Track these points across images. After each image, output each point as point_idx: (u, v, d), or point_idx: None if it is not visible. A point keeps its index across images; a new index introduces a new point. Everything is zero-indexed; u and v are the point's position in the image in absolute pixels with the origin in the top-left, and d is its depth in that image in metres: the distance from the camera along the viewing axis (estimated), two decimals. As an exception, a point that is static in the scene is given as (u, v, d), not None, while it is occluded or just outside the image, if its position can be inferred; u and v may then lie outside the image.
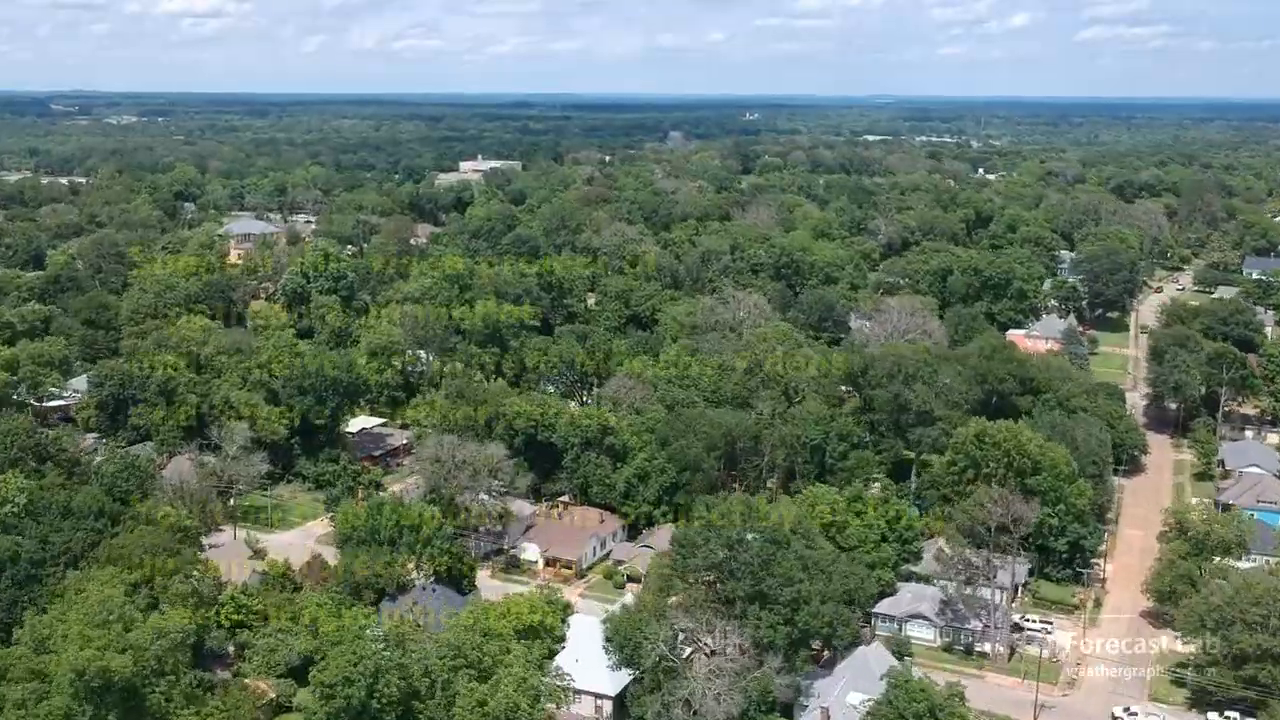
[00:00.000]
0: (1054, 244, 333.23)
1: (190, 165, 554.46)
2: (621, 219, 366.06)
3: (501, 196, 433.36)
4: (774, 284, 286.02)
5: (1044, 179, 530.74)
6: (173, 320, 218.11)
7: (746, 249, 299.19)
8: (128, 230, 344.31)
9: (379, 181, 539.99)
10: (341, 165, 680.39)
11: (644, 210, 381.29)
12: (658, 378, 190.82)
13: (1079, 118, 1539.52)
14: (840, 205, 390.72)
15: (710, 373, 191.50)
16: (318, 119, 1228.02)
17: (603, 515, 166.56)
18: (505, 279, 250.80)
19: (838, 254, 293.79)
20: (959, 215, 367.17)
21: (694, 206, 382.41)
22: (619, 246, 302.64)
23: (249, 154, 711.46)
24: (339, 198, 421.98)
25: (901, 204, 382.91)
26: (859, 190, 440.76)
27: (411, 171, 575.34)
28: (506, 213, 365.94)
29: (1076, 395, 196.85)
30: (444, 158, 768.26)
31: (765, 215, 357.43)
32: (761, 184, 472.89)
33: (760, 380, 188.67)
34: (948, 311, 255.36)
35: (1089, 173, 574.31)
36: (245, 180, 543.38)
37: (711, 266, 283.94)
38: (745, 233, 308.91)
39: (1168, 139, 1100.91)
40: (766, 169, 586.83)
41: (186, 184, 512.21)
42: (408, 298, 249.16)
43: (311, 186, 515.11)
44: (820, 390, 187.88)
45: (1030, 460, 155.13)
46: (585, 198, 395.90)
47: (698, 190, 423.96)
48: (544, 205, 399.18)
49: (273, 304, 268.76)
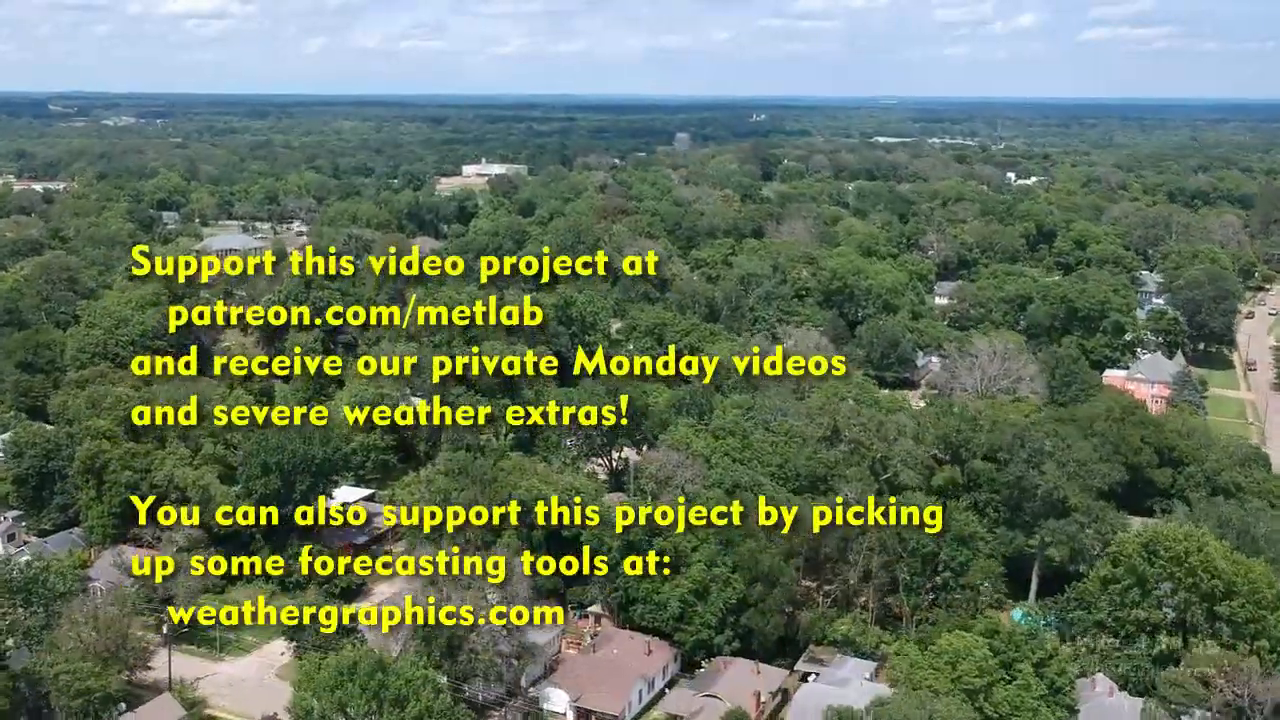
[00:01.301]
0: (1132, 264, 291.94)
1: (175, 172, 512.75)
2: (642, 232, 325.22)
3: (508, 206, 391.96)
4: (823, 312, 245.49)
5: (1085, 185, 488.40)
6: (110, 377, 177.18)
7: (789, 271, 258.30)
8: (93, 247, 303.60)
9: (377, 189, 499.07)
10: (339, 170, 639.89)
11: (666, 223, 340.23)
12: (713, 450, 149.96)
13: (1089, 119, 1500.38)
14: (883, 218, 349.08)
15: (777, 443, 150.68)
16: (318, 121, 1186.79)
17: (650, 644, 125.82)
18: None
19: (896, 277, 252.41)
20: (1019, 229, 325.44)
21: (721, 219, 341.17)
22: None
23: (243, 158, 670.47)
24: (332, 207, 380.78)
25: (951, 216, 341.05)
26: (897, 199, 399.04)
27: (411, 177, 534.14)
28: (515, 227, 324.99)
29: (1228, 468, 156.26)
30: (446, 161, 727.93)
31: (802, 229, 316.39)
32: (789, 192, 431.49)
33: (842, 454, 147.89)
34: (1034, 349, 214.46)
35: (1128, 179, 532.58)
36: (235, 187, 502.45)
37: (753, 293, 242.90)
38: (786, 251, 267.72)
39: (1184, 140, 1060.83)
40: (788, 175, 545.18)
41: (170, 192, 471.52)
42: (402, 335, 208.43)
43: (304, 194, 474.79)
44: (913, 463, 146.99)
45: (1222, 581, 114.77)
46: (601, 209, 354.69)
47: (723, 200, 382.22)
48: (556, 218, 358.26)
49: (248, 338, 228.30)
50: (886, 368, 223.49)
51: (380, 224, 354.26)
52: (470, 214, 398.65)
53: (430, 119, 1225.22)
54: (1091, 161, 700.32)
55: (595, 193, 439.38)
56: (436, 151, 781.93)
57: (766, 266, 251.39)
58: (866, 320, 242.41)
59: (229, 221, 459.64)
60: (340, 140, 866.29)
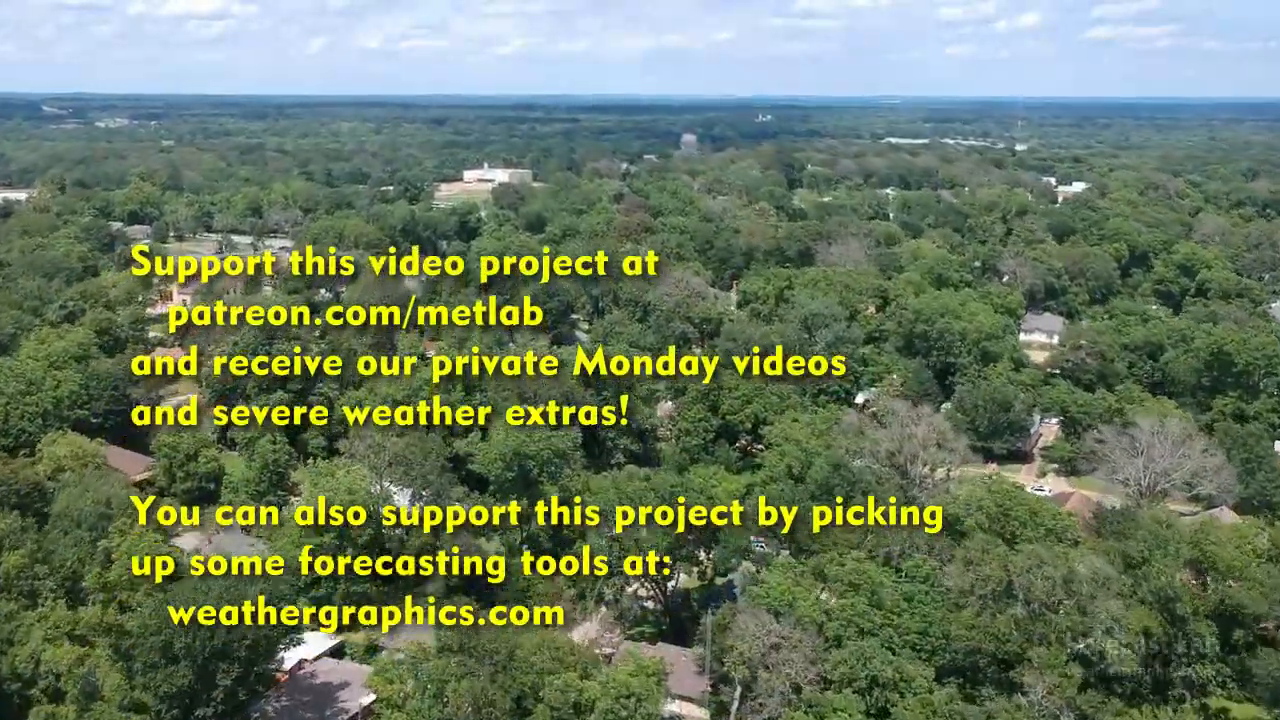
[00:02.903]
0: (1259, 294, 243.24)
1: (149, 180, 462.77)
2: (671, 254, 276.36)
3: (515, 221, 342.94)
4: (905, 361, 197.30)
5: (1143, 193, 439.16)
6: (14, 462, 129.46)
7: (858, 308, 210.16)
8: (30, 277, 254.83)
9: (370, 199, 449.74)
10: (332, 176, 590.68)
11: (696, 242, 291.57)
12: (822, 613, 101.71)
13: (1100, 118, 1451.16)
14: (943, 234, 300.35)
15: (915, 594, 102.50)
16: (316, 122, 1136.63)
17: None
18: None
19: (993, 319, 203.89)
20: (1109, 250, 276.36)
21: (761, 238, 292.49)
22: (684, 305, 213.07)
23: (230, 163, 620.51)
24: (317, 223, 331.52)
25: (1028, 235, 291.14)
26: (950, 212, 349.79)
27: (408, 185, 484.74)
28: (525, 249, 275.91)
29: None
30: (446, 165, 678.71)
31: (857, 250, 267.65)
32: (826, 203, 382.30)
33: (1018, 620, 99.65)
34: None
35: (1184, 186, 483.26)
36: (216, 196, 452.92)
37: (819, 339, 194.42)
38: (849, 282, 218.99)
39: (1204, 140, 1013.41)
40: (815, 181, 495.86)
41: (143, 203, 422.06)
42: (387, 399, 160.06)
43: (291, 204, 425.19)
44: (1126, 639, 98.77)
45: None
46: (623, 227, 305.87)
47: (757, 214, 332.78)
48: (569, 236, 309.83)
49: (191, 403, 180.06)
50: (994, 436, 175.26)
51: (370, 243, 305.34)
52: (472, 229, 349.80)
53: (431, 120, 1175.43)
54: (1124, 164, 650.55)
55: (609, 203, 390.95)
56: (436, 155, 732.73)
57: (832, 303, 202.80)
58: (958, 370, 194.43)
59: (208, 235, 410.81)
60: (337, 143, 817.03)
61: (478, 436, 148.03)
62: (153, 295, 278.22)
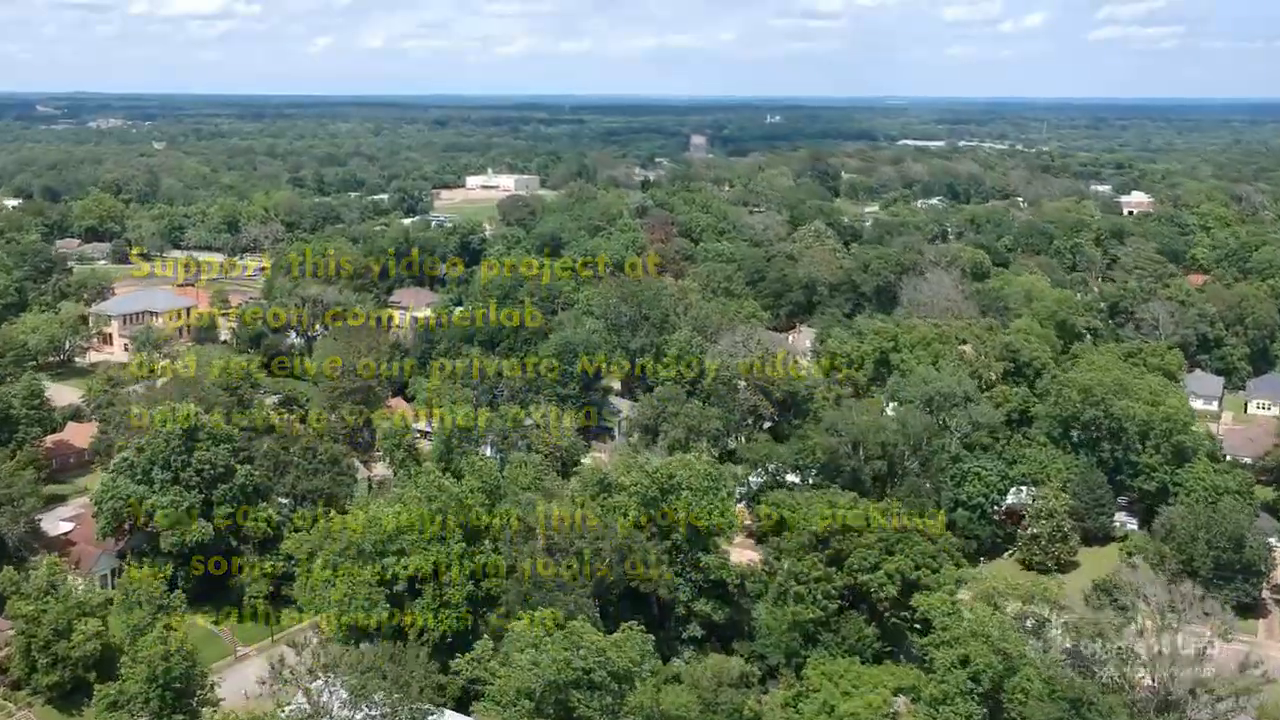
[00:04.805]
0: None
1: (109, 191, 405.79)
2: (719, 289, 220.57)
3: (526, 243, 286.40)
4: (1065, 457, 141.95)
5: (1226, 205, 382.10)
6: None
7: (985, 375, 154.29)
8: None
9: (360, 212, 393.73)
10: (325, 182, 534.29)
11: (746, 274, 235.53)
12: None
13: (1115, 119, 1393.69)
14: (1042, 263, 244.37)
15: None
16: (314, 123, 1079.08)
17: None
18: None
19: (1177, 397, 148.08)
20: (1267, 289, 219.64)
21: (824, 268, 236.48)
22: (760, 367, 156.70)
23: (216, 168, 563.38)
24: (295, 246, 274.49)
25: (1155, 267, 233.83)
26: (1034, 233, 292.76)
27: (405, 195, 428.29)
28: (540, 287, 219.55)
29: None
30: (447, 170, 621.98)
31: (949, 287, 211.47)
32: (886, 220, 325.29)
33: None
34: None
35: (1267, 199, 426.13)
36: (190, 208, 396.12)
37: (955, 428, 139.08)
38: (983, 339, 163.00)
39: (1229, 142, 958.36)
40: (855, 191, 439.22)
41: (103, 217, 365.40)
42: (348, 552, 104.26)
43: (271, 218, 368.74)
44: None
45: None
46: (658, 258, 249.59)
47: (814, 236, 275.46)
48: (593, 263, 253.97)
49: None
50: (1219, 583, 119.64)
51: (355, 272, 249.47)
52: (476, 251, 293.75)
53: (432, 121, 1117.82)
54: (1169, 171, 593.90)
55: (631, 218, 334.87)
56: (437, 158, 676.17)
57: (963, 376, 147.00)
58: (1138, 471, 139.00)
59: (176, 253, 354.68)
60: (334, 145, 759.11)
61: (489, 646, 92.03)
62: (86, 339, 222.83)
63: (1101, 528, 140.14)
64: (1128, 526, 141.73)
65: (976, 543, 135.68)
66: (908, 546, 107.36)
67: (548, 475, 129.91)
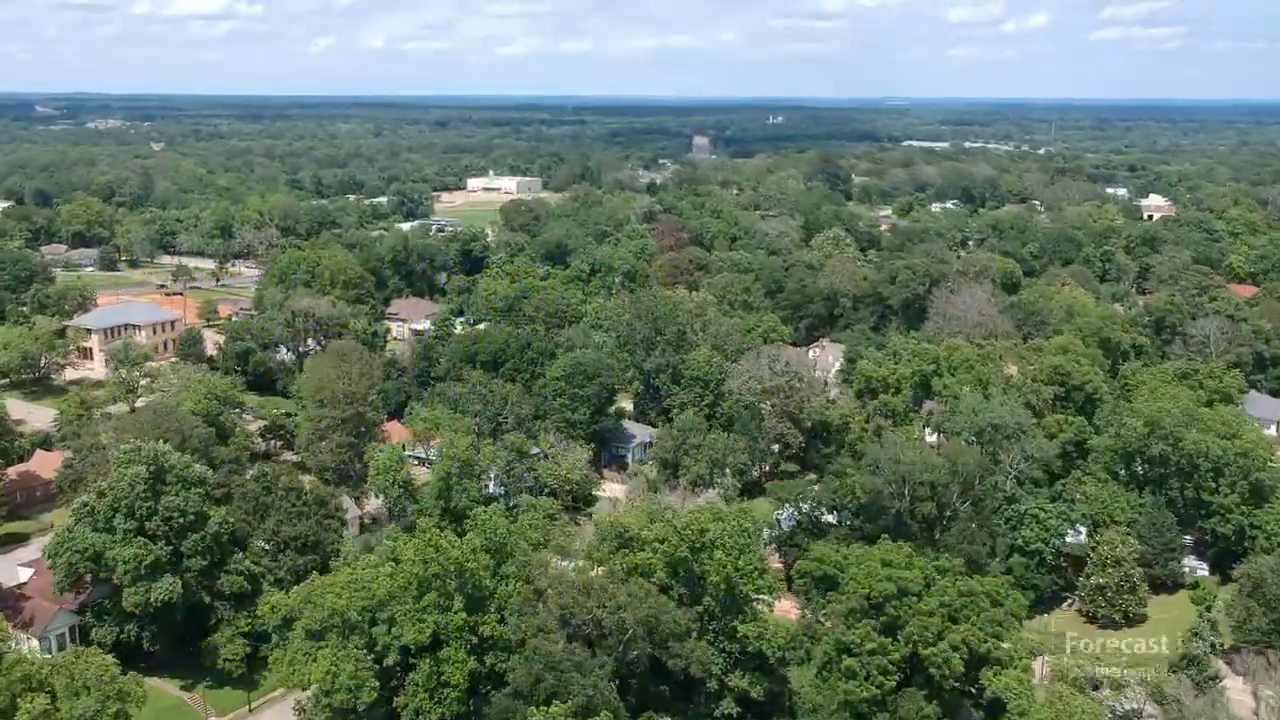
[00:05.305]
0: None
1: (99, 196, 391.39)
2: (737, 301, 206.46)
3: (530, 250, 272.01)
4: (1128, 495, 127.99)
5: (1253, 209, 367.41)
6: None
7: (1034, 400, 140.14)
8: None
9: (359, 216, 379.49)
10: (323, 184, 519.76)
11: (764, 284, 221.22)
12: None
13: (1119, 120, 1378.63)
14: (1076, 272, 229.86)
15: None
16: (315, 124, 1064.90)
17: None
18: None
19: (1252, 430, 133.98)
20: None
21: (847, 279, 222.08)
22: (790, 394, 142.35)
23: (212, 170, 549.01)
24: (286, 254, 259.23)
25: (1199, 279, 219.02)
26: (1062, 241, 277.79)
27: (404, 199, 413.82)
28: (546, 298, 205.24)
29: None
30: (448, 172, 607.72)
31: (982, 299, 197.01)
32: (908, 226, 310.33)
33: None
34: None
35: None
36: (183, 212, 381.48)
37: (1010, 464, 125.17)
38: (1029, 360, 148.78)
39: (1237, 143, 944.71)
40: (868, 194, 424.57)
41: (90, 222, 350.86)
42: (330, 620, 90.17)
43: (266, 222, 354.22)
44: None
45: None
46: (670, 266, 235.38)
47: (832, 243, 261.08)
48: (601, 271, 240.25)
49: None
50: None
51: (350, 281, 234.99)
52: (478, 259, 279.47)
53: (433, 122, 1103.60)
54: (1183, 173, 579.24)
55: (639, 223, 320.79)
56: (438, 160, 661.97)
57: (1016, 405, 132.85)
58: (1213, 512, 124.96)
59: (165, 260, 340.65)
60: (332, 146, 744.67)
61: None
62: (63, 355, 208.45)
63: (1170, 574, 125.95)
64: (1198, 572, 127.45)
65: (1035, 592, 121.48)
66: (973, 612, 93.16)
67: (558, 520, 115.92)
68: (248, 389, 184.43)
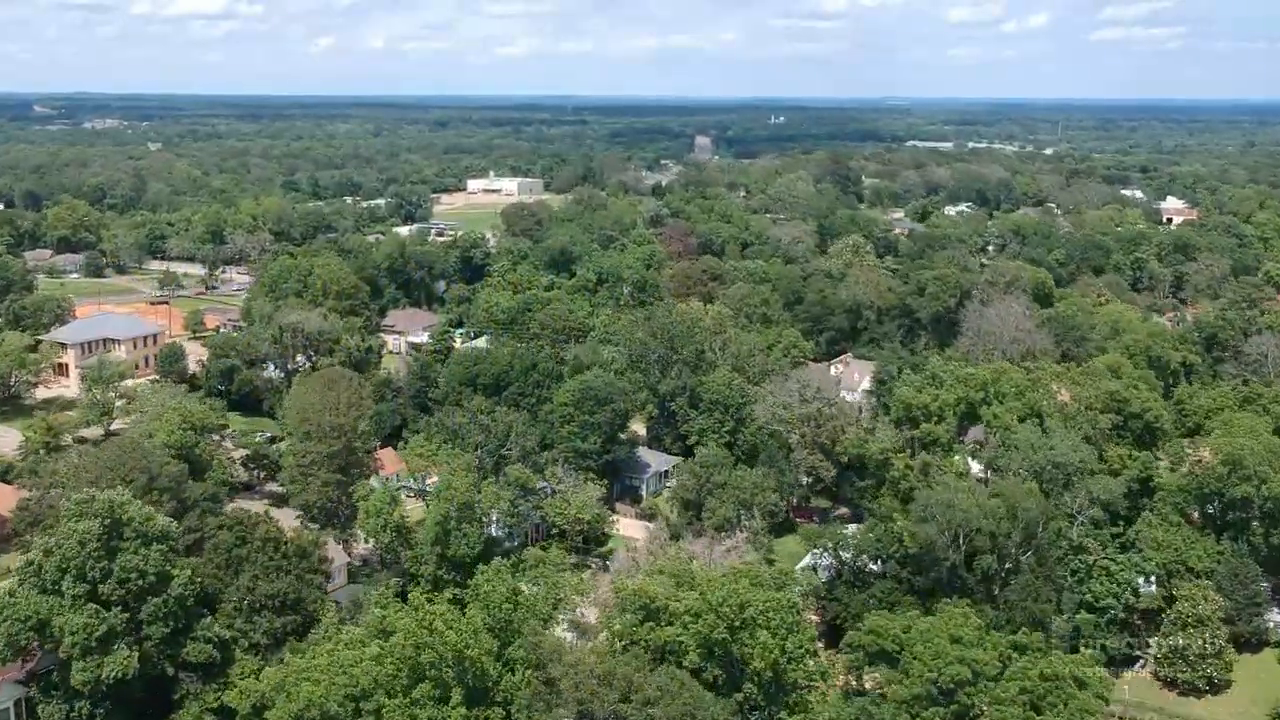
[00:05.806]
0: None
1: (88, 199, 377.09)
2: (756, 316, 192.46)
3: (534, 258, 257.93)
4: (1203, 541, 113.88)
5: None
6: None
7: (1093, 431, 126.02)
8: None
9: (355, 220, 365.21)
10: (320, 186, 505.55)
11: (782, 295, 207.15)
12: None
13: (1123, 120, 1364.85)
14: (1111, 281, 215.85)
15: None
16: (313, 124, 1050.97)
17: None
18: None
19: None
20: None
21: (872, 290, 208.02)
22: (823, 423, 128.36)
23: (207, 171, 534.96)
24: (277, 263, 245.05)
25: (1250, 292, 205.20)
26: (1089, 247, 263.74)
27: (403, 202, 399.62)
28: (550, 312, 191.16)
29: None
30: (448, 173, 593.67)
31: (1019, 313, 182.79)
32: (927, 232, 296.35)
33: None
34: None
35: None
36: (174, 215, 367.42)
37: (1076, 509, 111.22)
38: (1082, 386, 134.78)
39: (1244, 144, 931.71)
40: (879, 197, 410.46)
41: (76, 226, 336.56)
42: (311, 709, 75.89)
43: (259, 226, 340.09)
44: None
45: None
46: (683, 277, 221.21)
47: (851, 251, 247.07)
48: (609, 281, 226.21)
49: None
50: None
51: (344, 292, 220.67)
52: (478, 267, 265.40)
53: (433, 122, 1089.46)
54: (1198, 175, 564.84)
55: (646, 228, 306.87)
56: (438, 161, 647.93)
57: (1078, 440, 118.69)
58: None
59: (154, 265, 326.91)
60: (331, 147, 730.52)
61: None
62: (34, 373, 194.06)
63: (1255, 631, 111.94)
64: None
65: (1104, 653, 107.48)
66: (1059, 699, 79.17)
67: (568, 575, 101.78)
68: (232, 409, 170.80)
